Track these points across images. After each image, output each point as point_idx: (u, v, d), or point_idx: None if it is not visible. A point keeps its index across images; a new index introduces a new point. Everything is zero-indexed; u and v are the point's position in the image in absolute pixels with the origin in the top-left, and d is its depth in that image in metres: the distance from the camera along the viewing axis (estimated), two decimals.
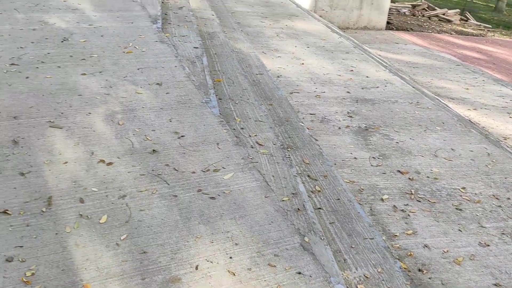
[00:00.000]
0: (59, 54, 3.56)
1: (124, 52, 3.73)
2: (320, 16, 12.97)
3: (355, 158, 3.33)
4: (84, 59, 3.53)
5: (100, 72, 3.36)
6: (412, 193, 2.95)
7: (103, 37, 3.98)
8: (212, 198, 2.24)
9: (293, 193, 2.41)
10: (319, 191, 2.67)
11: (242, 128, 3.04)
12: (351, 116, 4.20)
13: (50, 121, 2.71)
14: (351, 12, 13.24)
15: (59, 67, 3.36)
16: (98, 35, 4.00)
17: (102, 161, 2.41)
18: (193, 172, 2.42)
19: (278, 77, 5.04)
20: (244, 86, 3.86)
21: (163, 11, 5.17)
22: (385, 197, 2.89)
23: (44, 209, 2.04)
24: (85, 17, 4.38)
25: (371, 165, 3.26)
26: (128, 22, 4.38)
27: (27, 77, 3.16)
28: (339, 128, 3.93)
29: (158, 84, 3.30)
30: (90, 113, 2.84)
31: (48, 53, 3.54)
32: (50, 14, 4.33)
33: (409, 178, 3.12)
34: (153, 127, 2.79)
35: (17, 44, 3.63)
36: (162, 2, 5.45)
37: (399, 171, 3.21)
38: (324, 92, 4.78)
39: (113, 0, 4.91)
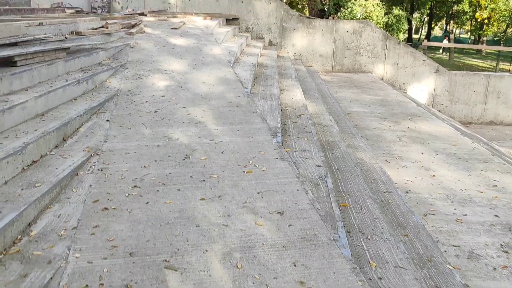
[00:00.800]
0: (179, 174, 3.46)
1: (244, 172, 3.54)
2: (439, 110, 12.17)
3: None
4: (204, 180, 3.38)
5: (219, 196, 3.16)
6: None
7: (224, 153, 3.86)
8: None
9: None
10: None
11: (379, 278, 2.52)
12: (506, 252, 3.43)
13: (165, 260, 2.47)
14: (474, 106, 12.27)
15: (179, 190, 3.23)
16: (218, 152, 3.89)
17: None
18: None
19: (406, 192, 4.47)
20: (374, 212, 3.38)
21: (282, 121, 5.04)
22: None
23: None
24: (207, 131, 4.37)
25: None
26: (248, 136, 4.26)
27: (147, 202, 3.06)
28: (494, 269, 3.19)
29: (279, 213, 2.98)
30: (206, 251, 2.57)
31: (169, 173, 3.46)
32: (174, 128, 4.39)
33: None
34: (275, 273, 2.41)
35: (141, 162, 3.64)
36: (281, 110, 5.36)
37: None
38: (465, 214, 4.07)
39: (234, 112, 4.90)
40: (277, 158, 3.80)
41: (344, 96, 9.44)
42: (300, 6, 30.62)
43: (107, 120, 4.54)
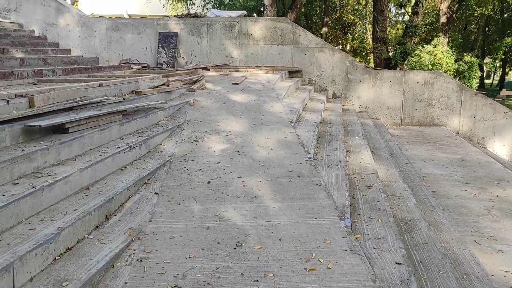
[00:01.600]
0: (229, 270, 2.92)
1: (305, 269, 2.93)
2: None
3: None
4: (257, 280, 2.81)
5: None
6: None
7: (282, 241, 3.28)
8: None
9: None
10: None
11: None
12: None
13: None
14: None
15: None
16: (275, 238, 3.32)
17: None
18: None
19: None
20: None
21: (351, 193, 4.40)
22: None
23: None
24: (263, 208, 3.83)
25: None
26: (311, 217, 3.67)
27: None
28: None
29: None
30: None
31: (217, 268, 2.93)
32: (227, 204, 3.91)
33: None
34: None
35: (186, 251, 3.15)
36: (348, 179, 4.72)
37: None
38: None
39: (294, 183, 4.35)
40: (346, 250, 3.15)
41: (417, 154, 8.59)
42: (363, 53, 30.18)
43: (155, 193, 4.15)
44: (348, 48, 30.13)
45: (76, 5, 26.12)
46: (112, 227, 3.46)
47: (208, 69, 11.15)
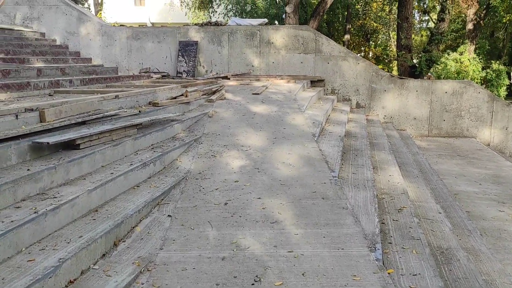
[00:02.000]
0: None
1: None
2: None
3: None
4: None
5: None
6: None
7: (305, 276, 2.95)
8: None
9: None
10: None
11: None
12: None
13: None
14: None
15: None
16: (298, 273, 2.99)
17: None
18: None
19: None
20: None
21: (380, 218, 4.03)
22: None
23: None
24: (284, 236, 3.50)
25: None
26: (337, 247, 3.32)
27: None
28: None
29: None
30: None
31: None
32: (245, 230, 3.59)
33: None
34: None
35: (199, 286, 2.84)
36: (377, 201, 4.35)
37: None
38: None
39: (318, 206, 4.01)
40: None
41: (447, 169, 8.12)
42: (386, 61, 29.58)
43: (168, 216, 3.87)
44: (370, 55, 29.59)
45: (100, 14, 26.39)
46: (120, 256, 3.18)
47: (229, 78, 10.91)
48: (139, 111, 5.87)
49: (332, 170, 4.95)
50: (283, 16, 19.99)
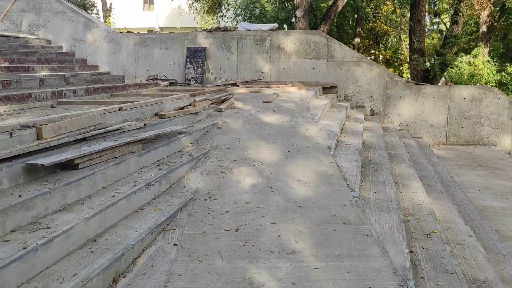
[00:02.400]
0: None
1: None
2: None
3: None
4: None
5: None
6: None
7: None
8: None
9: None
10: None
11: None
12: None
13: None
14: None
15: None
16: None
17: None
18: None
19: None
20: None
21: (408, 245, 3.63)
22: None
23: None
24: (303, 270, 3.12)
25: None
26: (363, 285, 2.94)
27: None
28: None
29: None
30: None
31: None
32: (259, 262, 3.22)
33: None
34: None
35: None
36: (404, 226, 3.96)
37: None
38: None
39: (339, 233, 3.63)
40: None
41: (469, 181, 7.69)
42: (397, 64, 29.06)
43: (174, 244, 3.51)
44: (380, 58, 29.09)
45: (109, 19, 26.23)
46: None
47: (238, 85, 10.57)
48: (144, 124, 5.53)
49: (352, 189, 4.56)
50: (293, 20, 19.63)
